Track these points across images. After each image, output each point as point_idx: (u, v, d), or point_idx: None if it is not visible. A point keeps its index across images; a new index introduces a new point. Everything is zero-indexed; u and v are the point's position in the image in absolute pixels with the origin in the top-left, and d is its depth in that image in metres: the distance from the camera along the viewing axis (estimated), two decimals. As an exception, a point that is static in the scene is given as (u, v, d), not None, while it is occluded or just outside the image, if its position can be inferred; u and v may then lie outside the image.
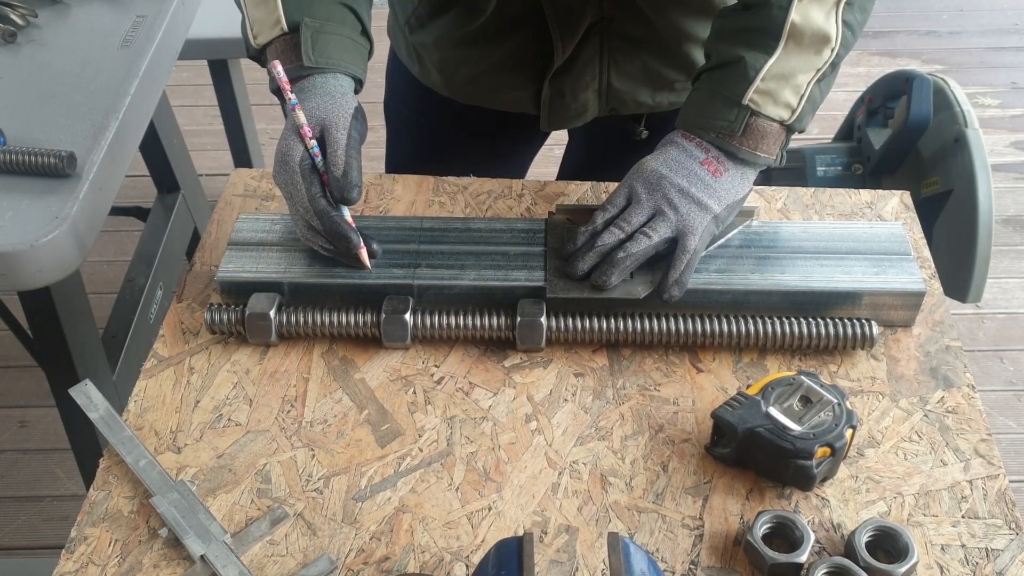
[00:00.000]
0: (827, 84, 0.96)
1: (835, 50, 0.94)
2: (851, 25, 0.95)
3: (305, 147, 0.95)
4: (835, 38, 0.93)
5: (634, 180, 0.97)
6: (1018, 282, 2.52)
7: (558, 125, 1.22)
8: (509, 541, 0.70)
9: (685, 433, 0.91)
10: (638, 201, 0.96)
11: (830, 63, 0.94)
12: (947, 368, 0.97)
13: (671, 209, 0.94)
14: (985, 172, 1.86)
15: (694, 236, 0.94)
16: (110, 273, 2.46)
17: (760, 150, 0.95)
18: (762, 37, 0.93)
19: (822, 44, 0.93)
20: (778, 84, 0.93)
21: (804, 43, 0.93)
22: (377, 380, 0.97)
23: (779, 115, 0.94)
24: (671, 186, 0.95)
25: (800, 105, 0.94)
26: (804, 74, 0.94)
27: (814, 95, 0.95)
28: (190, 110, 3.10)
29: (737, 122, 0.94)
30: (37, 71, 1.33)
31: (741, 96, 0.93)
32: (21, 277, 1.10)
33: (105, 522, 0.84)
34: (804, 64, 0.93)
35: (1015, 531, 0.83)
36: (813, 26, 0.92)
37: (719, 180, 0.96)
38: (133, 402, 0.95)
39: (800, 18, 0.92)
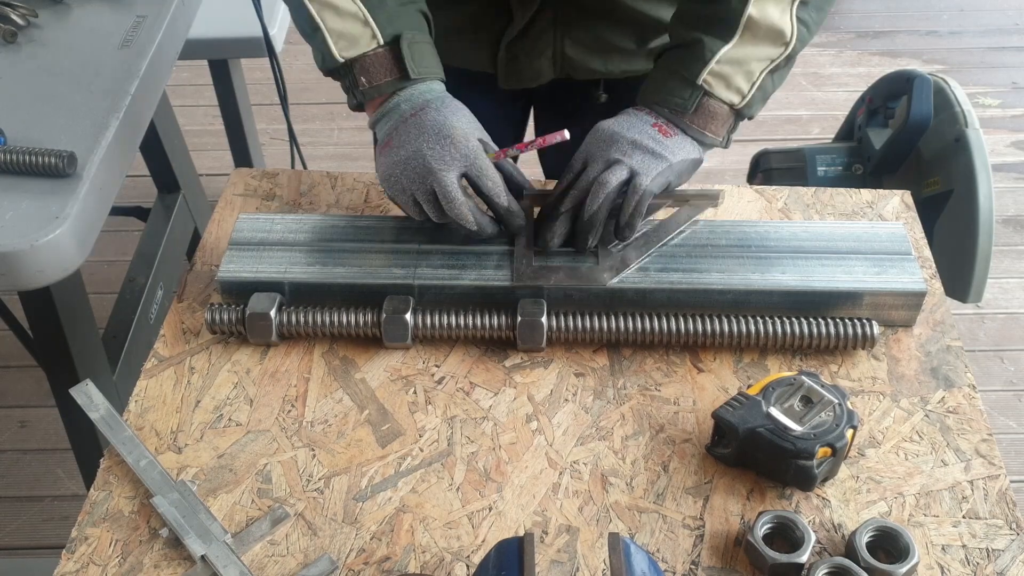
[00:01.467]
0: (780, 76, 1.01)
1: (790, 44, 0.98)
2: (806, 23, 0.99)
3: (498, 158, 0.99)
4: (790, 34, 0.98)
5: (588, 144, 1.00)
6: (1019, 282, 2.52)
7: (515, 84, 1.25)
8: (510, 541, 0.70)
9: (686, 433, 0.91)
10: (593, 160, 0.99)
11: (785, 56, 0.99)
12: (948, 368, 0.97)
13: (624, 157, 0.97)
14: (986, 172, 1.86)
15: (646, 176, 0.96)
16: (111, 273, 2.46)
17: (708, 130, 1.00)
18: (720, 25, 0.98)
19: (777, 38, 0.97)
20: (732, 68, 0.97)
21: (760, 35, 0.97)
22: (378, 380, 0.97)
23: (730, 99, 0.99)
24: (623, 139, 0.98)
25: (751, 92, 0.99)
26: (758, 63, 0.98)
27: (765, 84, 0.99)
28: (190, 110, 3.10)
29: (690, 101, 0.98)
30: (37, 71, 1.33)
31: (696, 76, 0.98)
32: (21, 277, 1.10)
33: (106, 522, 0.84)
34: (759, 53, 0.98)
35: (1016, 531, 0.83)
36: (768, 20, 0.96)
37: (669, 139, 0.99)
38: (134, 402, 0.95)
39: (757, 12, 0.96)
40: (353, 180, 1.21)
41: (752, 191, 1.18)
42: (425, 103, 0.98)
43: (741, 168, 2.43)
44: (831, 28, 3.53)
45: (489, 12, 1.18)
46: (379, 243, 1.03)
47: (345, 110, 1.36)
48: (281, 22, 2.09)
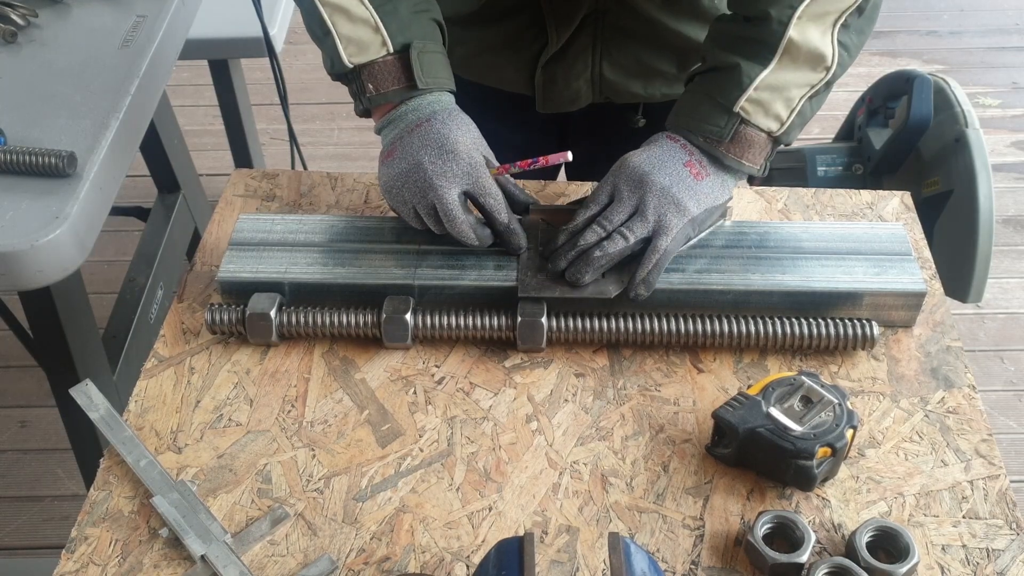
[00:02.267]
0: (819, 101, 0.98)
1: (831, 69, 0.95)
2: (847, 46, 0.96)
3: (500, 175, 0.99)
4: (831, 58, 0.95)
5: (617, 177, 0.98)
6: (1019, 282, 2.52)
7: (552, 108, 1.23)
8: (510, 541, 0.70)
9: (686, 433, 0.91)
10: (620, 199, 0.97)
11: (825, 82, 0.96)
12: (948, 368, 0.97)
13: (651, 209, 0.95)
14: (986, 172, 1.86)
15: (667, 236, 0.95)
16: (111, 273, 2.46)
17: (745, 159, 0.97)
18: (759, 48, 0.94)
19: (817, 62, 0.95)
20: (771, 95, 0.94)
21: (800, 59, 0.94)
22: (378, 380, 0.97)
23: (768, 126, 0.96)
24: (653, 184, 0.95)
25: (790, 119, 0.96)
26: (797, 88, 0.95)
27: (804, 110, 0.97)
28: (191, 110, 3.10)
29: (726, 129, 0.95)
30: (38, 71, 1.33)
31: (733, 103, 0.95)
32: (22, 277, 1.10)
33: (106, 522, 0.84)
34: (798, 79, 0.95)
35: (1016, 531, 0.83)
36: (810, 44, 0.93)
37: (700, 183, 0.96)
38: (133, 402, 0.95)
39: (798, 35, 0.93)
40: (353, 181, 1.21)
41: (752, 192, 1.18)
42: (431, 114, 0.98)
43: (741, 168, 2.43)
44: (831, 28, 3.53)
45: (527, 32, 1.16)
46: (379, 243, 1.03)
47: (345, 110, 1.37)
48: (281, 22, 2.09)
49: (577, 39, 1.15)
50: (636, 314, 0.97)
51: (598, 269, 0.96)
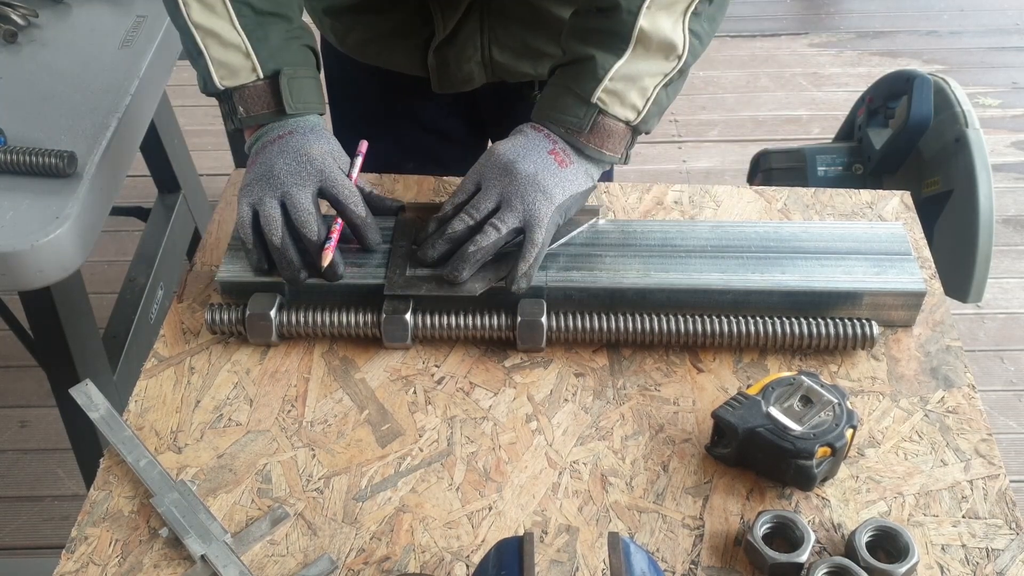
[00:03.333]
0: (674, 89, 1.00)
1: (682, 57, 0.98)
2: (698, 34, 0.98)
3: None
4: (682, 46, 0.97)
5: (483, 167, 0.99)
6: (1019, 282, 2.52)
7: (448, 89, 1.25)
8: (509, 541, 0.70)
9: (685, 433, 0.91)
10: (487, 187, 0.98)
11: (677, 70, 0.98)
12: (947, 368, 0.97)
13: (518, 198, 0.96)
14: (986, 172, 1.86)
15: (541, 228, 0.96)
16: (111, 273, 2.46)
17: (606, 148, 0.99)
18: (612, 39, 0.97)
19: (669, 51, 0.97)
20: (625, 85, 0.96)
21: (652, 48, 0.96)
22: (378, 380, 0.97)
23: (625, 116, 0.98)
24: (518, 172, 0.96)
25: (646, 107, 0.98)
26: (651, 78, 0.97)
27: (660, 99, 0.99)
28: (191, 110, 3.09)
29: (585, 119, 0.97)
30: (38, 71, 1.33)
31: (590, 94, 0.97)
32: (22, 277, 1.10)
33: (106, 522, 0.85)
34: (651, 68, 0.97)
35: (1016, 531, 0.83)
36: (660, 33, 0.95)
37: (564, 171, 0.98)
38: (134, 402, 0.95)
39: (648, 24, 0.95)
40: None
41: (752, 191, 1.18)
42: (292, 129, 1.00)
43: (741, 168, 2.43)
44: (831, 28, 3.54)
45: (414, 19, 1.19)
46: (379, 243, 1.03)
47: (345, 110, 1.37)
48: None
49: (465, 25, 1.17)
50: (636, 314, 0.97)
51: (475, 264, 0.96)
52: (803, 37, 3.47)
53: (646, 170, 2.90)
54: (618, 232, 1.04)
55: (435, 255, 0.98)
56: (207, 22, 0.99)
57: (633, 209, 1.15)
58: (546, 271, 0.99)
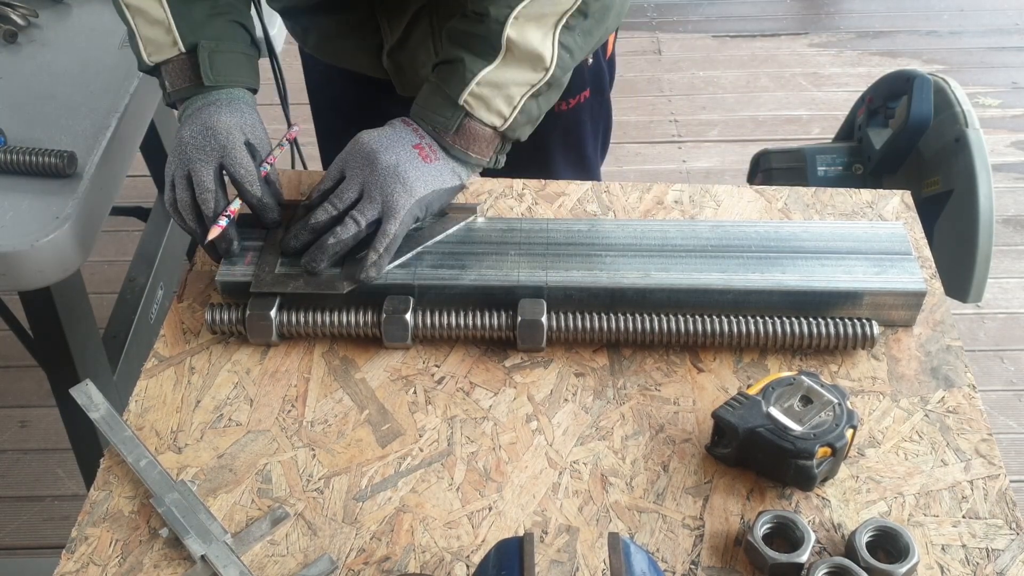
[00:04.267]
0: (545, 100, 1.01)
1: (550, 70, 0.98)
2: (569, 48, 0.98)
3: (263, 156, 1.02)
4: (550, 59, 0.97)
5: (348, 155, 1.00)
6: (1019, 282, 2.52)
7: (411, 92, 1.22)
8: (510, 541, 0.70)
9: (686, 433, 0.91)
10: (351, 176, 0.99)
11: (545, 82, 0.99)
12: (948, 368, 0.97)
13: (377, 189, 0.97)
14: (986, 172, 1.86)
15: (396, 220, 0.97)
16: (111, 273, 2.46)
17: (472, 151, 1.00)
18: (482, 44, 0.97)
19: (536, 63, 0.97)
20: (491, 91, 0.97)
21: (520, 58, 0.97)
22: (378, 380, 0.97)
23: (491, 121, 0.99)
24: (379, 163, 0.97)
25: (512, 115, 0.99)
26: (517, 87, 0.98)
27: (529, 108, 1.00)
28: (191, 110, 3.09)
29: (452, 120, 0.99)
30: (38, 71, 1.33)
31: (457, 96, 0.98)
32: (22, 277, 1.10)
33: (106, 522, 0.84)
34: (518, 77, 0.98)
35: (1016, 531, 0.83)
36: (528, 45, 0.96)
37: (429, 165, 0.99)
38: (134, 402, 0.95)
39: (516, 35, 0.96)
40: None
41: (752, 191, 1.18)
42: (209, 102, 1.02)
43: (741, 168, 2.43)
44: (831, 28, 3.54)
45: (365, 24, 1.18)
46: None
47: (344, 110, 1.36)
48: (281, 22, 2.08)
49: (414, 31, 1.17)
50: (636, 313, 0.97)
51: (333, 256, 0.97)
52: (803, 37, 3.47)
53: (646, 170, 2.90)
54: (618, 232, 1.04)
55: (298, 245, 0.99)
56: (136, 1, 1.02)
57: (633, 209, 1.15)
58: (546, 271, 0.99)
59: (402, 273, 1.00)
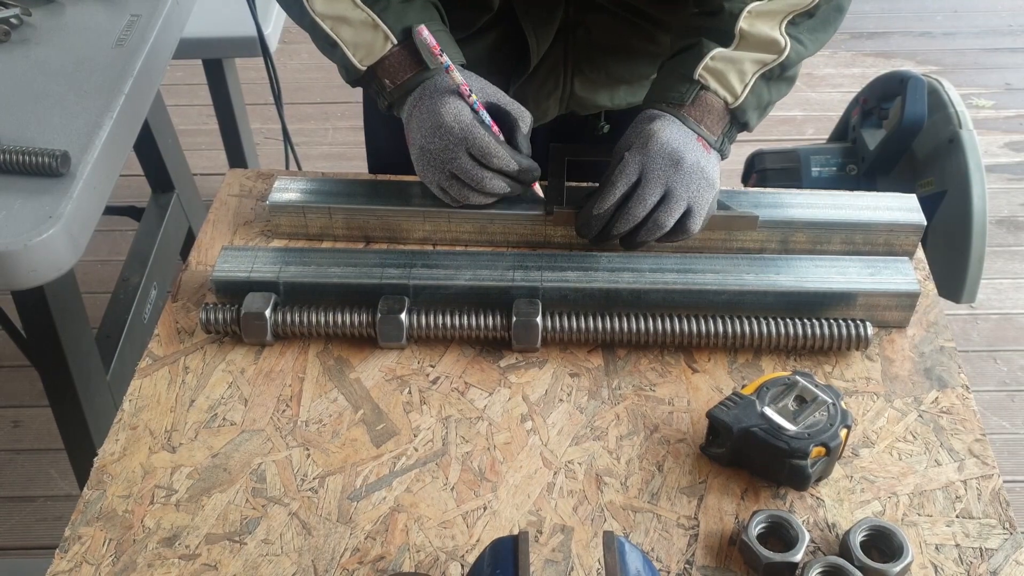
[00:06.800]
0: (776, 88, 1.02)
1: (784, 52, 0.99)
2: (799, 39, 1.00)
3: (471, 108, 0.99)
4: (784, 43, 0.99)
5: (647, 157, 0.98)
6: (1012, 283, 2.52)
7: None
8: (504, 540, 0.70)
9: (680, 433, 0.92)
10: (654, 179, 0.98)
11: (778, 63, 1.00)
12: (941, 368, 0.97)
13: (684, 188, 0.98)
14: (979, 173, 1.87)
15: (701, 216, 0.99)
16: (104, 273, 2.46)
17: (704, 123, 1.00)
18: (717, 34, 1.00)
19: (771, 47, 1.00)
20: (725, 65, 0.99)
21: (753, 44, 0.99)
22: (372, 380, 0.97)
23: (724, 95, 1.00)
24: (685, 163, 0.97)
25: (744, 92, 0.99)
26: (751, 64, 0.99)
27: (758, 89, 1.00)
28: (185, 109, 3.09)
29: (687, 94, 1.00)
30: (31, 70, 1.32)
31: (692, 71, 0.99)
32: (15, 277, 1.10)
33: (99, 522, 0.84)
34: (752, 56, 1.00)
35: (1009, 531, 0.83)
36: (761, 33, 0.99)
37: (710, 156, 1.00)
38: (128, 401, 0.94)
39: (748, 26, 0.99)
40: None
41: (747, 191, 1.18)
42: (421, 95, 1.00)
43: (736, 169, 2.44)
44: (825, 29, 3.54)
45: (505, 46, 1.16)
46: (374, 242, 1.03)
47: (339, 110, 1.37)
48: (275, 22, 2.09)
49: (549, 57, 1.16)
50: (631, 314, 0.97)
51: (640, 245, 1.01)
52: (797, 38, 3.48)
53: (641, 170, 2.89)
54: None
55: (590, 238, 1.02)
56: (331, 10, 1.00)
57: (628, 209, 1.15)
58: (541, 271, 0.99)
59: (397, 273, 1.00)
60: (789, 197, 1.09)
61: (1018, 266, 2.57)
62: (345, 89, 1.14)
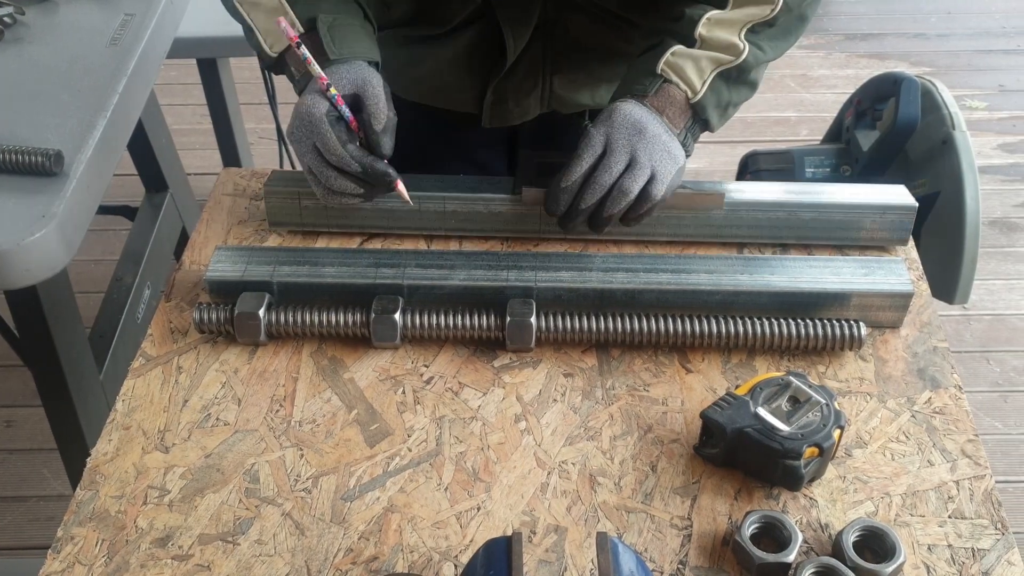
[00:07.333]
0: (735, 90, 1.03)
1: (743, 55, 1.01)
2: (759, 45, 1.02)
3: (330, 102, 0.97)
4: (742, 46, 1.01)
5: (612, 128, 1.00)
6: (1005, 284, 2.53)
7: (499, 124, 1.24)
8: (498, 541, 0.70)
9: (674, 433, 0.92)
10: (619, 148, 0.99)
11: (736, 65, 1.01)
12: (934, 369, 0.97)
13: (647, 155, 0.98)
14: (972, 174, 1.87)
15: (663, 184, 0.99)
16: (97, 272, 2.45)
17: (666, 114, 1.01)
18: (680, 38, 1.03)
19: (730, 49, 1.01)
20: (684, 61, 1.01)
21: (713, 47, 1.02)
22: (366, 380, 0.97)
23: (684, 88, 1.01)
24: (648, 132, 0.99)
25: (703, 88, 1.01)
26: (708, 62, 1.01)
27: (718, 87, 1.02)
28: (179, 109, 3.09)
29: (651, 86, 1.02)
30: (25, 69, 1.32)
31: (655, 66, 1.02)
32: (8, 276, 1.10)
33: (92, 522, 0.84)
34: (710, 55, 1.01)
35: (1001, 531, 0.83)
36: (718, 38, 1.01)
37: (673, 139, 1.01)
38: (121, 401, 0.94)
39: (706, 32, 1.01)
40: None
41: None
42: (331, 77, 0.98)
43: (730, 169, 2.44)
44: (819, 30, 3.55)
45: (482, 45, 1.16)
46: (368, 243, 1.03)
47: (334, 110, 1.35)
48: (270, 21, 2.08)
49: (527, 55, 1.16)
50: (625, 314, 0.97)
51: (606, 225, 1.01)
52: (792, 39, 3.49)
53: (635, 171, 2.90)
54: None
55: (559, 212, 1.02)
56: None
57: (622, 210, 1.15)
58: (535, 271, 0.99)
59: (391, 273, 0.99)
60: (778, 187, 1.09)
61: (1011, 267, 2.58)
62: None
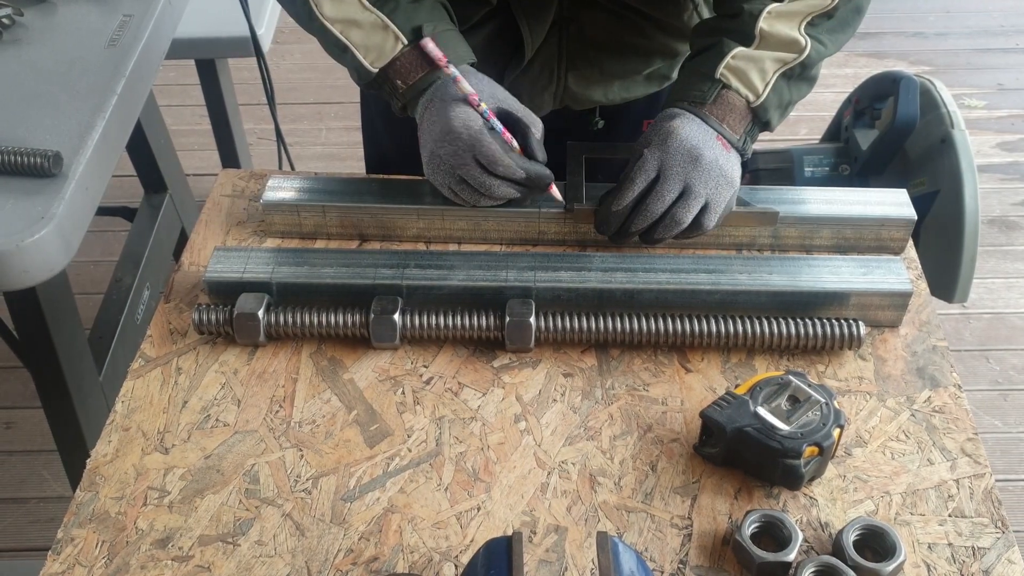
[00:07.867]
0: (796, 87, 1.02)
1: (805, 50, 1.00)
2: (819, 39, 1.01)
3: (482, 117, 0.98)
4: (804, 42, 1.00)
5: (667, 154, 0.99)
6: (1004, 282, 2.53)
7: None
8: (498, 541, 0.70)
9: (674, 433, 0.92)
10: (673, 176, 0.98)
11: (799, 62, 1.00)
12: (934, 368, 0.97)
13: (702, 185, 0.98)
14: (971, 173, 1.87)
15: (715, 213, 1.00)
16: (97, 273, 2.45)
17: (726, 122, 1.01)
18: (738, 35, 1.01)
19: (791, 46, 1.00)
20: (746, 64, 1.00)
21: (773, 44, 1.00)
22: (366, 380, 0.97)
23: (745, 93, 1.00)
24: (704, 160, 0.98)
25: (765, 91, 1.00)
26: (772, 62, 1.00)
27: (780, 88, 1.01)
28: (177, 110, 3.08)
29: (709, 93, 1.00)
30: (23, 70, 1.32)
31: (714, 70, 1.00)
32: (7, 277, 1.09)
33: (92, 523, 0.84)
34: (772, 56, 1.00)
35: (1001, 530, 0.83)
36: (780, 34, 1.00)
37: (730, 155, 1.01)
38: (120, 403, 0.94)
39: (768, 27, 1.00)
40: (341, 180, 1.20)
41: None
42: (431, 98, 1.00)
43: (729, 169, 2.44)
44: (818, 29, 3.55)
45: (499, 40, 1.16)
46: (368, 242, 1.03)
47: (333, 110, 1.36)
48: (268, 22, 2.08)
49: (543, 51, 1.16)
50: (624, 314, 0.97)
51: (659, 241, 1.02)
52: (790, 38, 3.49)
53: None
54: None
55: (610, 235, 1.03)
56: (340, 13, 1.00)
57: (621, 209, 1.15)
58: (534, 271, 0.99)
59: (390, 273, 0.99)
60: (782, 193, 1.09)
61: (1010, 266, 2.58)
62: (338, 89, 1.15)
